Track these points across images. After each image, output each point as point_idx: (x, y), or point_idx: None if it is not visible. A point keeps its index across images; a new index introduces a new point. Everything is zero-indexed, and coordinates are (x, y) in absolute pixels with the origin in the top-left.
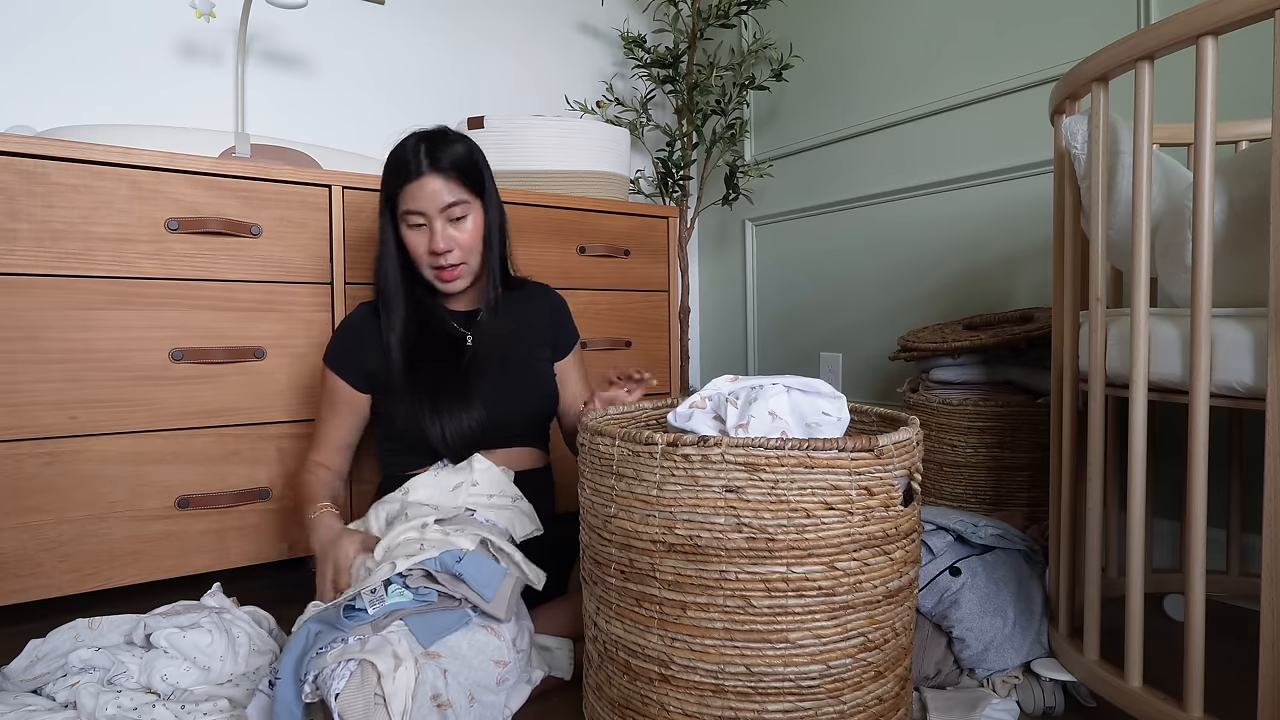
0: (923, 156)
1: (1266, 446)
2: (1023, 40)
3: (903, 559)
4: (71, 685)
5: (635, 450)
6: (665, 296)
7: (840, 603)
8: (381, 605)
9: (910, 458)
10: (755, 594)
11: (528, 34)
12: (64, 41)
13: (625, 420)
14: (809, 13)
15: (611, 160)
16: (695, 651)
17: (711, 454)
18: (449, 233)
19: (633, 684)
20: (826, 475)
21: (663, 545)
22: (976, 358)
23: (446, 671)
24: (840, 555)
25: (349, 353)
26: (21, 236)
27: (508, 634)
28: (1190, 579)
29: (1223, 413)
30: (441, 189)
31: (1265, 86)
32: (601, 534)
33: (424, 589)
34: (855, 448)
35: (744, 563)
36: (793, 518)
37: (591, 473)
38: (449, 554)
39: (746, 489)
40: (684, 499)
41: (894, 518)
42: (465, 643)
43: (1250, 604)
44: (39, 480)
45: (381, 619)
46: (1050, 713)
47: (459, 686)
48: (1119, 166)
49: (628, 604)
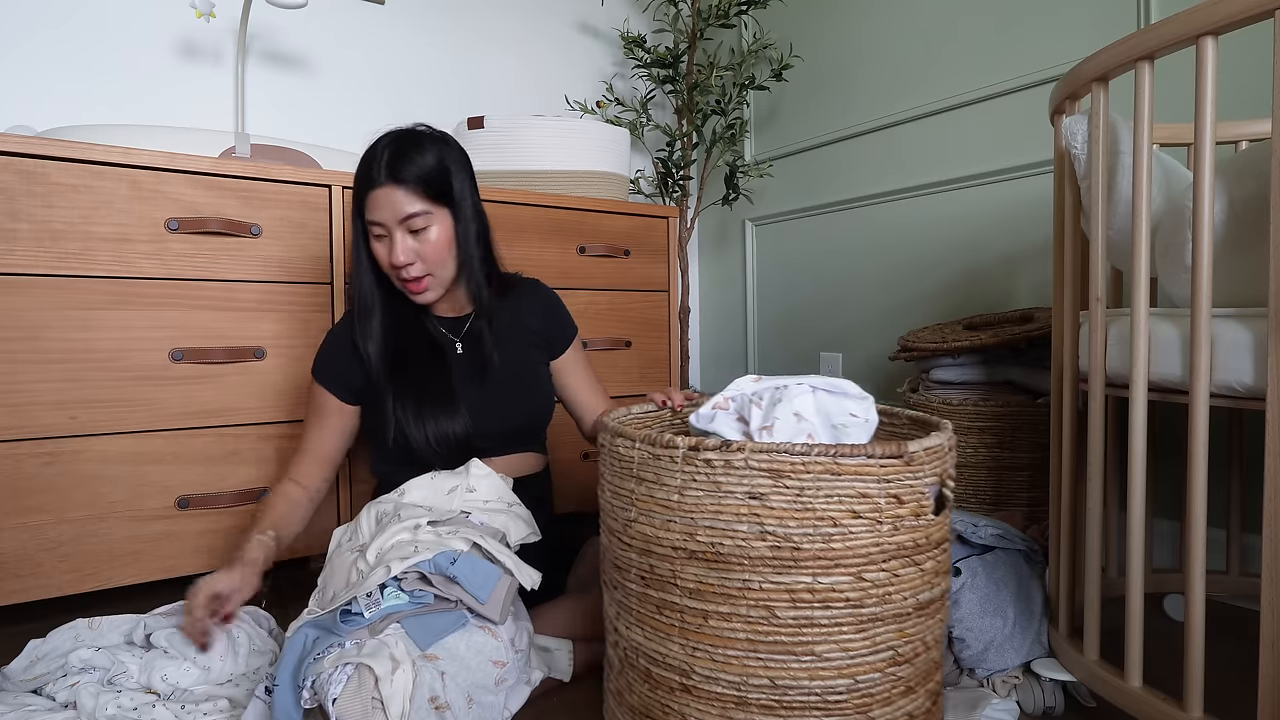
0: (923, 156)
1: (1266, 446)
2: (1023, 40)
3: (934, 570)
4: (71, 685)
5: (656, 453)
6: (665, 296)
7: (868, 615)
8: (377, 609)
9: (942, 464)
10: (780, 604)
11: (528, 34)
12: (64, 41)
13: (648, 421)
14: (809, 13)
15: (611, 160)
16: (717, 662)
17: (734, 459)
18: (408, 244)
19: (653, 692)
20: (854, 482)
21: (684, 552)
22: (976, 358)
23: (444, 673)
24: (868, 566)
25: (333, 363)
26: (21, 236)
27: (505, 634)
28: (1190, 579)
29: (1223, 413)
30: (401, 200)
31: (1265, 86)
32: (621, 538)
33: (419, 591)
34: (884, 454)
35: (768, 572)
36: (819, 526)
37: (611, 475)
38: (443, 555)
39: (770, 496)
40: (706, 505)
41: (924, 527)
42: (463, 644)
43: (1250, 604)
44: (39, 480)
45: (378, 622)
46: (1050, 713)
47: (457, 688)
48: (1119, 166)
49: (648, 611)
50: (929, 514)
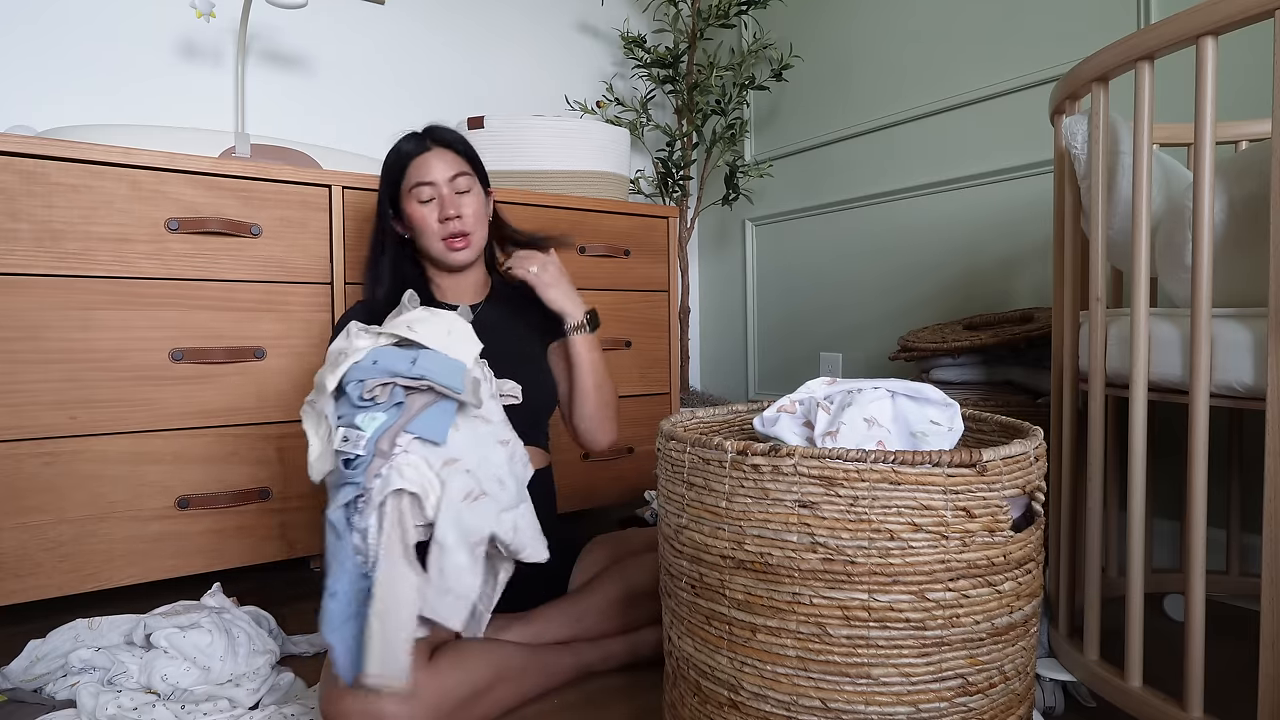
0: (923, 156)
1: (1266, 446)
2: (1022, 40)
3: (1014, 592)
4: (71, 685)
5: (704, 457)
6: (665, 296)
7: (933, 638)
8: (369, 439)
9: (1026, 475)
10: (832, 621)
11: (528, 34)
12: (64, 41)
13: (714, 424)
14: (809, 13)
15: (611, 160)
16: (766, 679)
17: (783, 465)
18: (457, 199)
19: (703, 706)
20: (915, 493)
21: (732, 561)
22: (976, 358)
23: (469, 471)
24: (932, 584)
25: None
26: (21, 236)
27: (495, 414)
28: (1190, 579)
29: (1223, 413)
30: (450, 159)
31: (1265, 86)
32: (673, 545)
33: (395, 393)
34: (952, 462)
35: (819, 586)
36: (875, 539)
37: (665, 479)
38: (394, 357)
39: (822, 504)
40: (753, 513)
41: (1001, 544)
42: (470, 437)
43: (1250, 604)
44: (39, 480)
45: (383, 446)
46: (1050, 713)
47: (484, 477)
48: (1119, 166)
49: (698, 621)
50: (1006, 530)
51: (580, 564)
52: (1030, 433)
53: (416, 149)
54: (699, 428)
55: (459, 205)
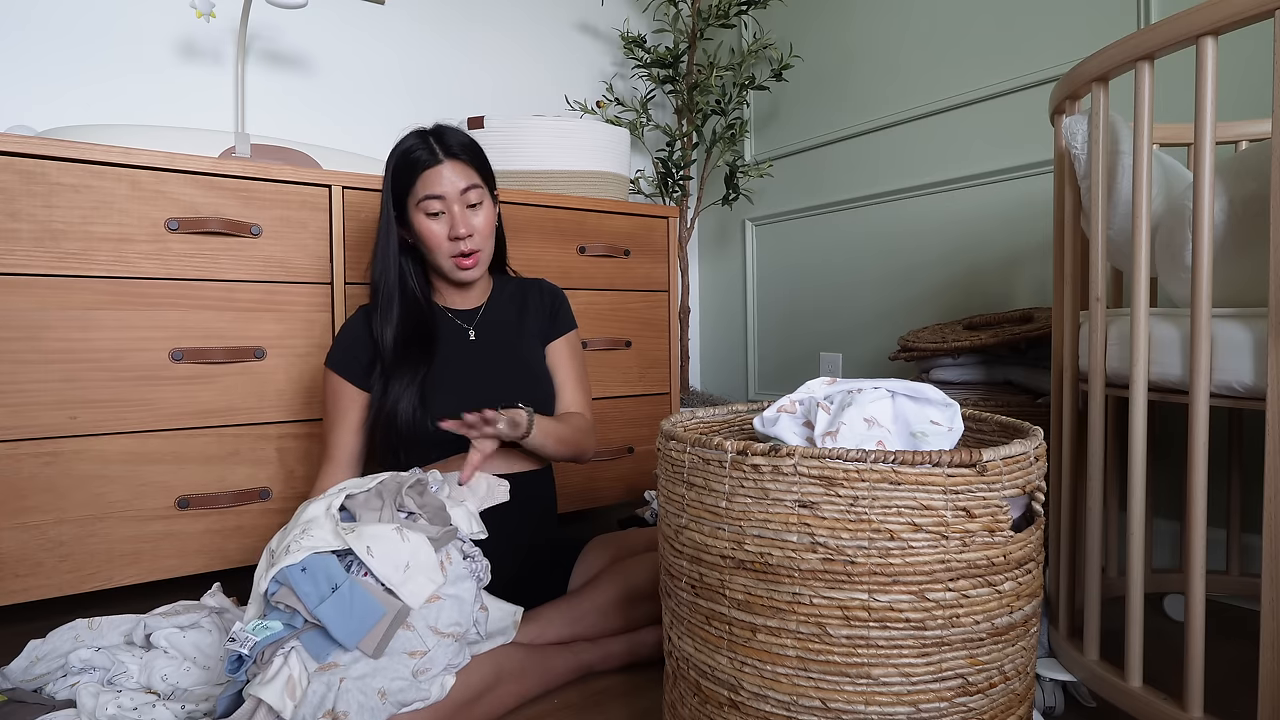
0: (923, 156)
1: (1266, 446)
2: (1023, 40)
3: (1014, 592)
4: (71, 685)
5: (704, 457)
6: (665, 296)
7: (933, 638)
8: (253, 644)
9: (1026, 475)
10: (832, 621)
11: (528, 34)
12: (64, 41)
13: (714, 424)
14: (809, 13)
15: (611, 160)
16: (766, 679)
17: (783, 465)
18: (468, 217)
19: (703, 706)
20: (915, 493)
21: (732, 561)
22: (976, 358)
23: (343, 680)
24: (932, 584)
25: (350, 352)
26: (21, 236)
27: (421, 621)
28: (1190, 579)
29: (1223, 413)
30: (462, 173)
31: (1265, 86)
32: (673, 544)
33: (297, 615)
34: (952, 462)
35: (819, 586)
36: (875, 539)
37: (666, 480)
38: (322, 578)
39: (822, 505)
40: (753, 513)
41: (1001, 544)
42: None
43: (1250, 604)
44: (39, 480)
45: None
46: (1050, 713)
47: (361, 691)
48: (1119, 166)
49: (698, 621)
50: (1006, 530)
51: (580, 564)
52: (1030, 433)
53: (429, 159)
54: (699, 428)
55: (470, 224)
